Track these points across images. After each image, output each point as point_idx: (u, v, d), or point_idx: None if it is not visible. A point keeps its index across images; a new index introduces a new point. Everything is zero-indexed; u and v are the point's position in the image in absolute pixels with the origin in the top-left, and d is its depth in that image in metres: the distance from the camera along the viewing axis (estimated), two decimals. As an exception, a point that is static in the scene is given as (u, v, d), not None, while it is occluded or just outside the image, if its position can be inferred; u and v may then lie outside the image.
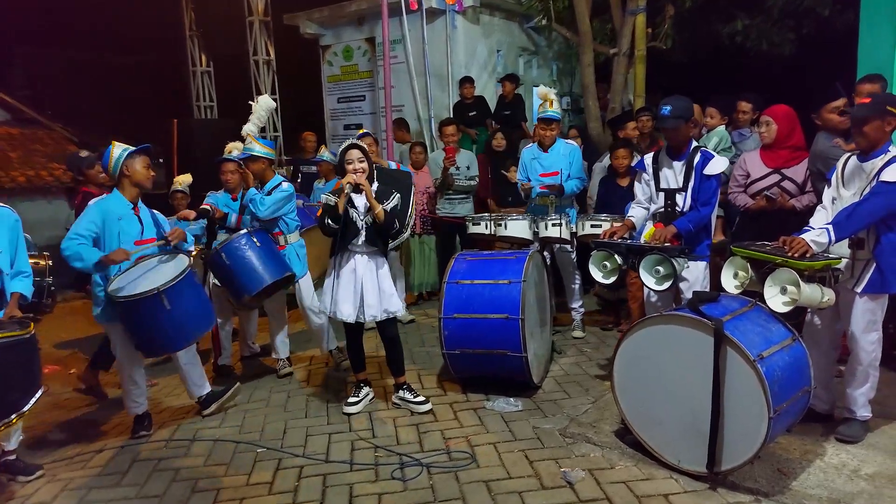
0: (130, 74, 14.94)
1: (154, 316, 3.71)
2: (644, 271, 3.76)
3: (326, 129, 9.99)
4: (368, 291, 4.01)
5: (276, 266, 4.64)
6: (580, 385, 4.48)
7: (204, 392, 4.30)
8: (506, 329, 4.12)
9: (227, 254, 4.51)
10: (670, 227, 3.90)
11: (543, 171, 5.36)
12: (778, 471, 3.25)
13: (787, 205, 4.31)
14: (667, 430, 3.30)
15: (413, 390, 4.25)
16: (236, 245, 4.53)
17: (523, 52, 9.54)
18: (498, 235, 5.19)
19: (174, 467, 3.61)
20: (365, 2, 8.80)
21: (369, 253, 4.07)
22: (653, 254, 3.73)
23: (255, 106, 4.99)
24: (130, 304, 3.68)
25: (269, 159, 4.87)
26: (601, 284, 4.39)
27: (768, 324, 3.24)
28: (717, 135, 5.32)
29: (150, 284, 3.73)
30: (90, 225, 3.80)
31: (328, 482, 3.35)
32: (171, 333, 3.86)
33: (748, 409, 2.98)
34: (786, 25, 8.48)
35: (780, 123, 4.39)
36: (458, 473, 3.34)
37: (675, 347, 3.21)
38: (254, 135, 4.86)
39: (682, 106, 3.94)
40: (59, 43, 14.30)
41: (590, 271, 4.02)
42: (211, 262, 4.68)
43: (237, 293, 4.64)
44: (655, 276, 3.75)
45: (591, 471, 3.30)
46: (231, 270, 4.53)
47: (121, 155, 3.95)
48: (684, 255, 3.80)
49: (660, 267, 3.72)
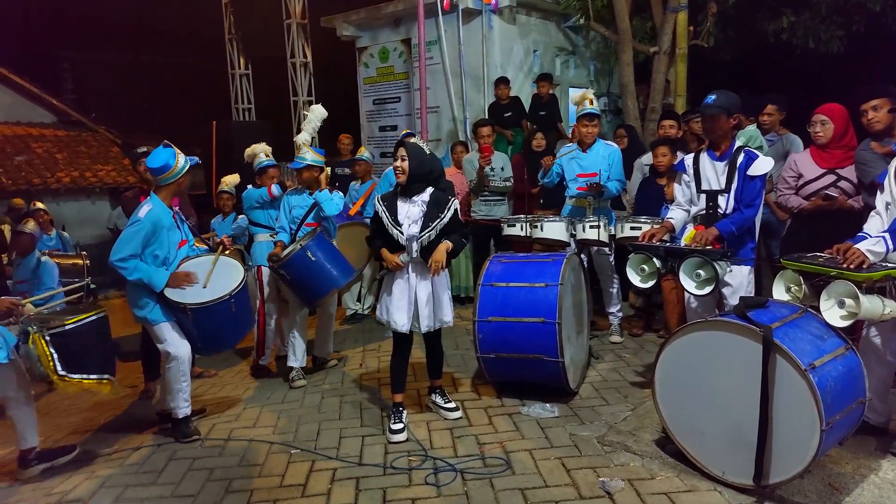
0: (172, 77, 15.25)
1: (223, 318, 3.90)
2: (684, 275, 3.64)
3: (362, 130, 10.02)
4: (422, 301, 3.81)
5: (345, 268, 4.77)
6: (619, 392, 4.37)
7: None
8: (542, 333, 4.03)
9: (297, 262, 4.56)
10: (712, 230, 3.77)
11: (581, 172, 5.25)
12: (829, 485, 3.10)
13: (845, 205, 4.14)
14: (711, 440, 3.17)
15: (446, 395, 4.17)
16: (317, 244, 4.63)
17: (560, 52, 9.42)
18: (534, 237, 5.10)
19: (209, 467, 3.61)
20: (401, 3, 8.80)
21: (421, 262, 3.81)
22: (693, 256, 3.60)
23: (308, 115, 5.01)
24: (203, 310, 3.81)
25: (320, 167, 4.91)
26: (638, 289, 4.27)
27: (820, 332, 3.09)
28: (746, 135, 5.14)
29: (212, 288, 3.87)
30: (144, 240, 3.80)
31: (361, 485, 3.31)
32: (233, 332, 4.07)
33: (798, 420, 2.84)
34: (834, 22, 8.18)
35: (836, 122, 4.23)
36: (492, 480, 3.27)
37: (721, 355, 3.08)
38: (307, 143, 4.89)
39: (728, 98, 3.83)
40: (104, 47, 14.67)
41: (627, 275, 3.91)
42: (289, 266, 4.61)
43: (311, 297, 4.75)
44: (696, 280, 3.62)
45: (631, 481, 3.19)
46: (306, 275, 4.61)
47: (185, 165, 3.92)
48: (727, 258, 3.66)
49: (701, 270, 3.60)
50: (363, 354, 5.60)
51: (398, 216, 3.74)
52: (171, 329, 3.91)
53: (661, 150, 5.41)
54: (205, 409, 4.48)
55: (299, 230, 4.94)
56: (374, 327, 6.44)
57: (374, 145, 9.66)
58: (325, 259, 4.63)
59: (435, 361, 4.15)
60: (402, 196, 3.78)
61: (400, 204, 3.77)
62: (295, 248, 4.56)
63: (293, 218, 4.95)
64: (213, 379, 5.36)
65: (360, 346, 5.85)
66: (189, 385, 4.04)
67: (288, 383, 4.90)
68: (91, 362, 3.60)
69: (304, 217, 4.95)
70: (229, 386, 5.13)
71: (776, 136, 5.50)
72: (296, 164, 4.88)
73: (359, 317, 6.87)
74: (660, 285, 5.23)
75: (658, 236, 3.95)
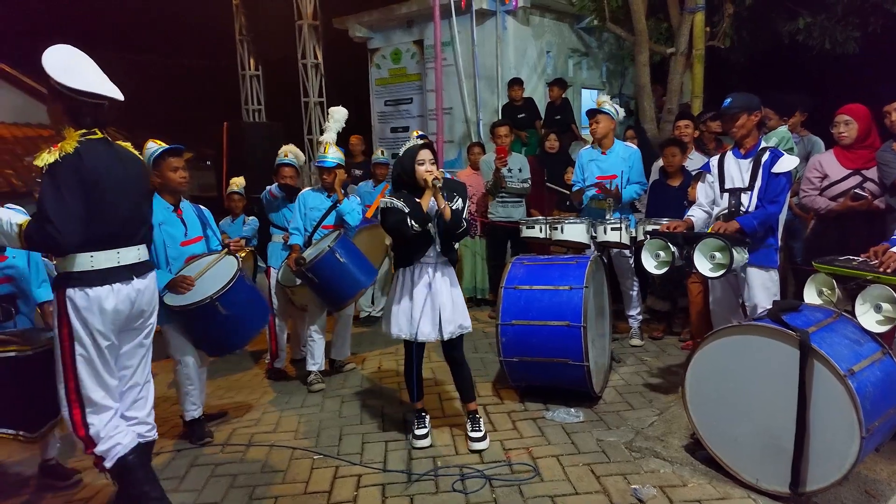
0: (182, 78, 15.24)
1: (212, 321, 3.72)
2: (699, 255, 3.59)
3: (374, 131, 9.99)
4: (446, 306, 3.58)
5: (368, 269, 4.77)
6: (643, 396, 4.31)
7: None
8: (567, 337, 3.98)
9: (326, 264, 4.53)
10: (733, 222, 3.73)
11: (601, 174, 5.20)
12: (865, 492, 3.05)
13: (872, 205, 4.09)
14: (744, 446, 3.11)
15: (478, 421, 3.73)
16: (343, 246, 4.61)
17: (573, 54, 9.38)
18: (554, 239, 5.05)
19: (231, 473, 3.57)
20: (414, 4, 8.76)
21: (441, 263, 3.64)
22: (711, 238, 3.57)
23: (331, 116, 4.97)
24: (187, 312, 3.69)
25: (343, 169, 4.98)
26: (651, 275, 4.17)
27: (856, 336, 3.03)
28: (777, 135, 5.08)
29: (203, 290, 3.71)
30: None
31: (388, 492, 3.26)
32: (230, 335, 3.88)
33: (837, 427, 2.78)
34: (850, 23, 8.11)
35: (860, 123, 4.20)
36: (521, 487, 3.21)
37: (756, 360, 3.03)
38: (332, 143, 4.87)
39: (743, 98, 3.83)
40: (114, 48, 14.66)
41: (641, 260, 3.85)
42: (319, 268, 4.54)
43: (339, 300, 4.70)
44: (711, 261, 3.59)
45: (663, 488, 3.14)
46: (337, 277, 4.57)
47: (150, 155, 3.74)
48: (745, 244, 3.63)
49: (717, 252, 3.55)
50: (380, 357, 5.55)
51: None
52: (173, 332, 3.87)
53: (671, 150, 5.36)
54: (226, 412, 4.44)
55: (315, 232, 4.89)
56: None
57: (386, 146, 9.62)
58: (351, 261, 4.58)
59: (464, 379, 3.76)
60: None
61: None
62: (323, 251, 4.50)
63: (310, 220, 4.91)
64: (229, 382, 5.32)
65: (377, 349, 5.80)
66: (197, 388, 4.00)
67: (306, 387, 4.85)
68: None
69: (321, 219, 4.91)
70: (246, 390, 5.08)
71: (798, 137, 5.45)
72: (328, 163, 4.84)
73: (372, 319, 6.83)
74: (685, 288, 5.19)
75: (679, 229, 3.91)
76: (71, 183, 2.58)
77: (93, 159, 2.65)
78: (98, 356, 2.72)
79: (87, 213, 2.64)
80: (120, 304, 2.75)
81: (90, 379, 2.72)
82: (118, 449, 2.76)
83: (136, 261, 2.85)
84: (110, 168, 2.72)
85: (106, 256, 2.73)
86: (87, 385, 2.71)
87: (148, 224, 3.03)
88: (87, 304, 2.66)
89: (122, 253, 2.78)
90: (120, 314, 2.77)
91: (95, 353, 2.71)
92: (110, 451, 2.75)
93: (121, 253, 2.77)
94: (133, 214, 2.85)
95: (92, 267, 2.69)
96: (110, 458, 2.75)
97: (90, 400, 2.72)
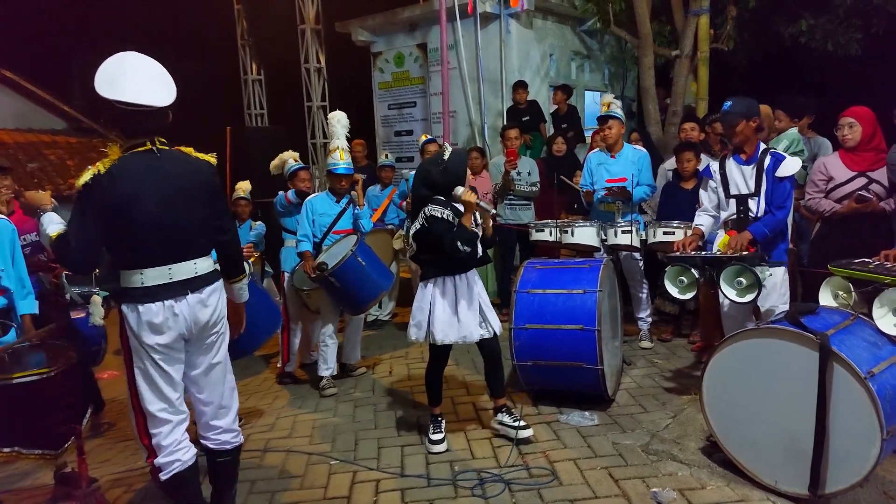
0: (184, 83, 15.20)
1: None
2: (725, 284, 3.59)
3: (377, 135, 9.99)
4: (486, 306, 3.73)
5: (386, 272, 4.86)
6: (656, 399, 4.32)
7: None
8: (581, 340, 3.99)
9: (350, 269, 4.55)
10: (745, 234, 3.74)
11: (610, 178, 5.21)
12: (884, 494, 3.06)
13: (878, 207, 4.11)
14: (762, 449, 3.13)
15: (511, 412, 3.86)
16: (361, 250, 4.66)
17: (576, 56, 9.39)
18: (564, 242, 5.06)
19: (250, 479, 3.57)
20: (418, 8, 8.77)
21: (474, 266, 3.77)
22: (731, 265, 3.56)
23: (334, 122, 4.97)
24: None
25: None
26: (678, 301, 4.21)
27: (875, 338, 3.05)
28: (788, 138, 5.11)
29: None
30: None
31: (407, 497, 3.27)
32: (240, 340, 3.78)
33: (857, 429, 2.80)
34: (852, 24, 8.15)
35: (864, 125, 4.22)
36: (540, 491, 3.22)
37: (774, 362, 3.04)
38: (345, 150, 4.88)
39: (742, 103, 3.84)
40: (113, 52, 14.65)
41: (666, 289, 3.84)
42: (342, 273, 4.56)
43: (360, 303, 4.77)
44: (738, 287, 3.58)
45: (682, 491, 3.15)
46: (358, 281, 4.62)
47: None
48: (764, 262, 3.63)
49: (742, 278, 3.55)
50: (391, 361, 5.56)
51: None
52: None
53: (686, 154, 5.37)
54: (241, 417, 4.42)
55: (325, 238, 4.89)
56: (397, 333, 6.40)
57: (390, 150, 9.62)
58: (370, 264, 4.64)
59: (502, 376, 3.89)
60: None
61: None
62: (347, 255, 4.52)
63: (319, 226, 4.90)
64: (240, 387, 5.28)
65: (387, 353, 5.81)
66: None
67: (318, 391, 4.86)
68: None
69: (331, 225, 4.91)
70: (257, 394, 5.09)
71: (805, 139, 5.47)
72: (343, 170, 4.85)
73: (380, 322, 6.83)
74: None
75: (691, 245, 3.90)
76: (99, 207, 2.53)
77: (128, 179, 2.56)
78: (155, 370, 2.68)
79: (116, 236, 2.60)
80: (172, 320, 2.66)
81: (148, 391, 2.70)
82: (176, 465, 2.75)
83: (191, 275, 2.72)
84: (153, 184, 2.62)
85: (156, 273, 2.65)
86: (145, 397, 2.70)
87: (217, 232, 2.89)
88: (138, 320, 2.63)
89: (174, 269, 2.68)
90: (175, 330, 2.68)
91: (152, 367, 2.68)
92: (169, 465, 2.74)
93: (172, 269, 2.68)
94: (187, 227, 2.71)
95: (142, 284, 2.64)
96: (167, 471, 2.75)
97: (148, 412, 2.71)
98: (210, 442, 2.94)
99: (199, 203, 2.76)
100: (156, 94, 2.64)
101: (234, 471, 3.06)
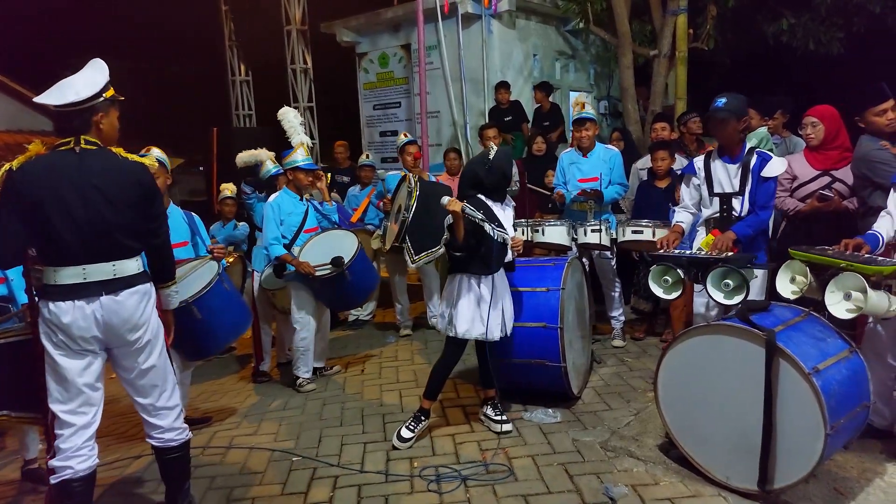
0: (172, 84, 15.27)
1: (186, 325, 3.69)
2: (712, 287, 3.48)
3: (362, 136, 10.03)
4: (507, 306, 3.85)
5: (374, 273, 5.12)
6: (621, 396, 4.34)
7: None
8: (544, 338, 4.01)
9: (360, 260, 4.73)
10: (729, 234, 3.70)
11: (582, 177, 5.23)
12: (835, 490, 3.08)
13: (840, 206, 4.13)
14: (715, 445, 3.15)
15: (498, 407, 3.95)
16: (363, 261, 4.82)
17: (560, 56, 9.43)
18: (535, 241, 5.08)
19: (209, 475, 3.59)
20: (401, 9, 8.82)
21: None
22: (718, 266, 3.49)
23: (287, 120, 5.00)
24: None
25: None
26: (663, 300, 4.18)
27: (824, 335, 3.07)
28: (757, 136, 5.13)
29: (181, 294, 3.71)
30: None
31: (363, 493, 3.29)
32: (206, 339, 3.89)
33: (803, 424, 2.82)
34: (834, 24, 8.18)
35: (826, 124, 4.23)
36: (495, 487, 3.25)
37: (724, 359, 3.06)
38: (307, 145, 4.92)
39: (737, 102, 3.78)
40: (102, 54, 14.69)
41: (645, 287, 3.82)
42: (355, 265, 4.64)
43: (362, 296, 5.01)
44: (725, 290, 3.48)
45: (635, 486, 3.17)
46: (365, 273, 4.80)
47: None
48: (751, 263, 3.56)
49: (728, 280, 3.47)
50: (365, 361, 5.58)
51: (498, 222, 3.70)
52: None
53: (661, 153, 5.39)
54: (210, 418, 4.46)
55: (297, 238, 4.87)
56: (374, 333, 6.44)
57: (375, 150, 9.66)
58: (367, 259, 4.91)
59: (490, 370, 3.94)
60: (495, 202, 3.75)
61: (496, 210, 3.73)
62: (358, 248, 4.68)
63: (289, 227, 4.84)
64: (214, 386, 5.34)
65: (361, 352, 5.83)
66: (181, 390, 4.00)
67: (293, 390, 4.87)
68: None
69: (301, 224, 4.91)
70: (231, 393, 5.11)
71: (780, 138, 5.50)
72: (309, 165, 4.89)
73: (360, 322, 6.85)
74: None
75: (674, 243, 3.88)
76: (13, 202, 2.55)
77: (41, 176, 2.57)
78: (58, 369, 2.66)
79: (32, 232, 2.60)
80: (82, 320, 2.63)
81: (55, 391, 2.69)
82: (67, 472, 2.68)
83: (109, 277, 2.68)
84: (70, 182, 2.59)
85: (70, 272, 2.63)
86: (52, 395, 2.70)
87: (148, 235, 2.85)
88: (49, 317, 2.63)
89: (88, 269, 2.64)
90: (85, 331, 2.64)
91: (57, 365, 2.66)
92: (61, 469, 2.69)
93: (87, 269, 2.64)
94: (106, 227, 2.66)
95: (55, 282, 2.64)
96: (57, 475, 2.70)
97: (53, 410, 2.70)
98: (154, 440, 2.95)
99: (124, 204, 2.70)
100: (62, 95, 2.66)
101: (182, 466, 3.06)
